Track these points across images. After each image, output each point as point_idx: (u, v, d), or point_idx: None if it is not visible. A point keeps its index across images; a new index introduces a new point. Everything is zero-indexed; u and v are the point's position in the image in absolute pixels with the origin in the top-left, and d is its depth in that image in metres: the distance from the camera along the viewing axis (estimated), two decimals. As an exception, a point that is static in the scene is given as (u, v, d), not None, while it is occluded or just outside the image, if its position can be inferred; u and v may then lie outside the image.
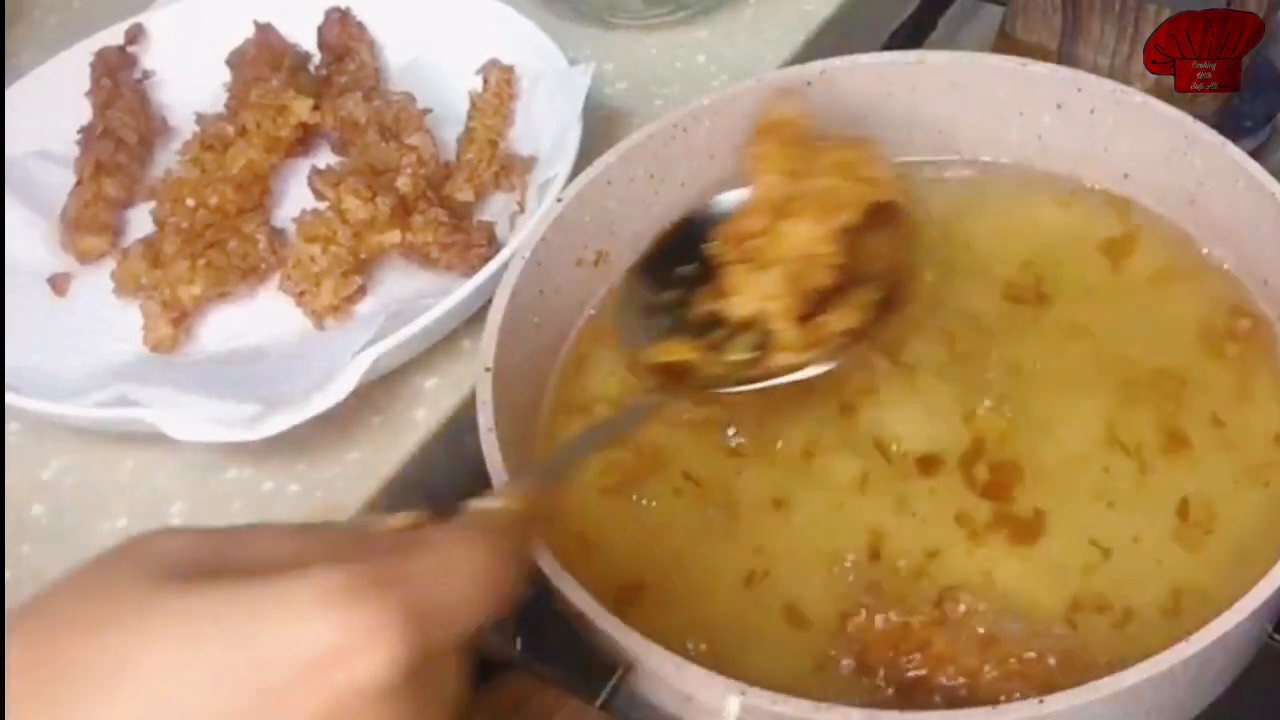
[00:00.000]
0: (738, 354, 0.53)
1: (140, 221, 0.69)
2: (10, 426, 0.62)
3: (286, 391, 0.58)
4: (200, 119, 0.71)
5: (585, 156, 0.63)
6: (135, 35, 0.77)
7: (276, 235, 0.67)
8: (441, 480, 0.61)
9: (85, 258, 0.68)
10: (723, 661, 0.47)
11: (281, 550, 0.34)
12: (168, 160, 0.72)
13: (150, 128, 0.74)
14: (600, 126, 0.69)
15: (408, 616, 0.32)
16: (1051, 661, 0.48)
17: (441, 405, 0.62)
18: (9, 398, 0.60)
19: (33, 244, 0.69)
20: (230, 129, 0.69)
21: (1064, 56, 0.72)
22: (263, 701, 0.30)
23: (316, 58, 0.76)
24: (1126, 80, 0.63)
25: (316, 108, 0.69)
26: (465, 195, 0.68)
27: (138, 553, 0.33)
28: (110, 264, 0.66)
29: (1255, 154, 0.59)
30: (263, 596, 0.31)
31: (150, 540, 0.34)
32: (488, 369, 0.54)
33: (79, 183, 0.69)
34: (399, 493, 0.60)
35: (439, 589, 0.34)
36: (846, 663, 0.50)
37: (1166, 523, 0.52)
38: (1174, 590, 0.50)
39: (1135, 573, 0.51)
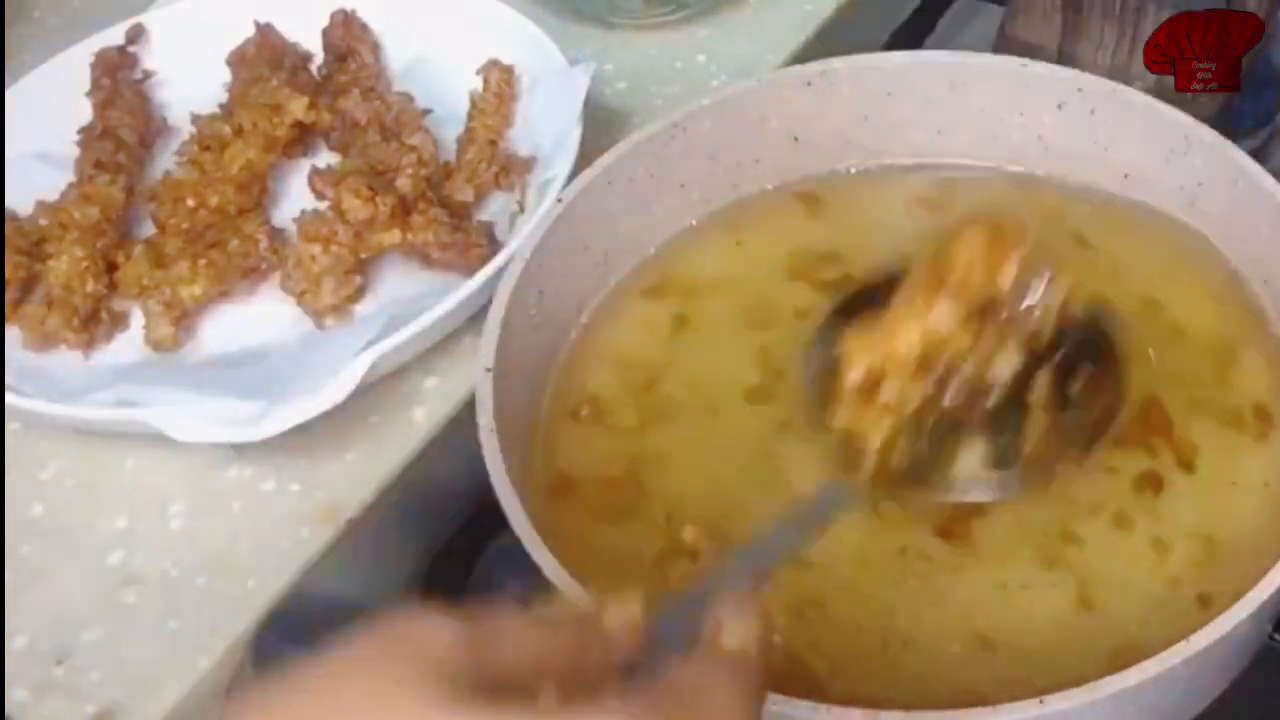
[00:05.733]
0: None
1: (141, 222, 0.70)
2: (10, 426, 0.62)
3: (286, 391, 0.58)
4: (196, 119, 0.71)
5: (585, 156, 0.63)
6: (135, 35, 0.77)
7: (277, 235, 0.67)
8: (441, 480, 0.61)
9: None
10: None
11: (541, 661, 0.33)
12: (167, 160, 0.72)
13: (150, 128, 0.74)
14: (600, 126, 0.69)
15: None
16: None
17: (441, 405, 0.62)
18: (9, 398, 0.60)
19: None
20: (227, 129, 0.69)
21: (1064, 56, 0.72)
22: None
23: (317, 58, 0.76)
24: (1126, 80, 0.63)
25: (312, 106, 0.69)
26: (465, 195, 0.68)
27: (406, 649, 0.31)
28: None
29: (1255, 154, 0.59)
30: None
31: (414, 631, 0.32)
32: (488, 369, 0.54)
33: (79, 183, 0.69)
34: (399, 493, 0.60)
35: None
36: None
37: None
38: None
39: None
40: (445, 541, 0.61)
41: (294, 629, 0.55)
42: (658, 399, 0.59)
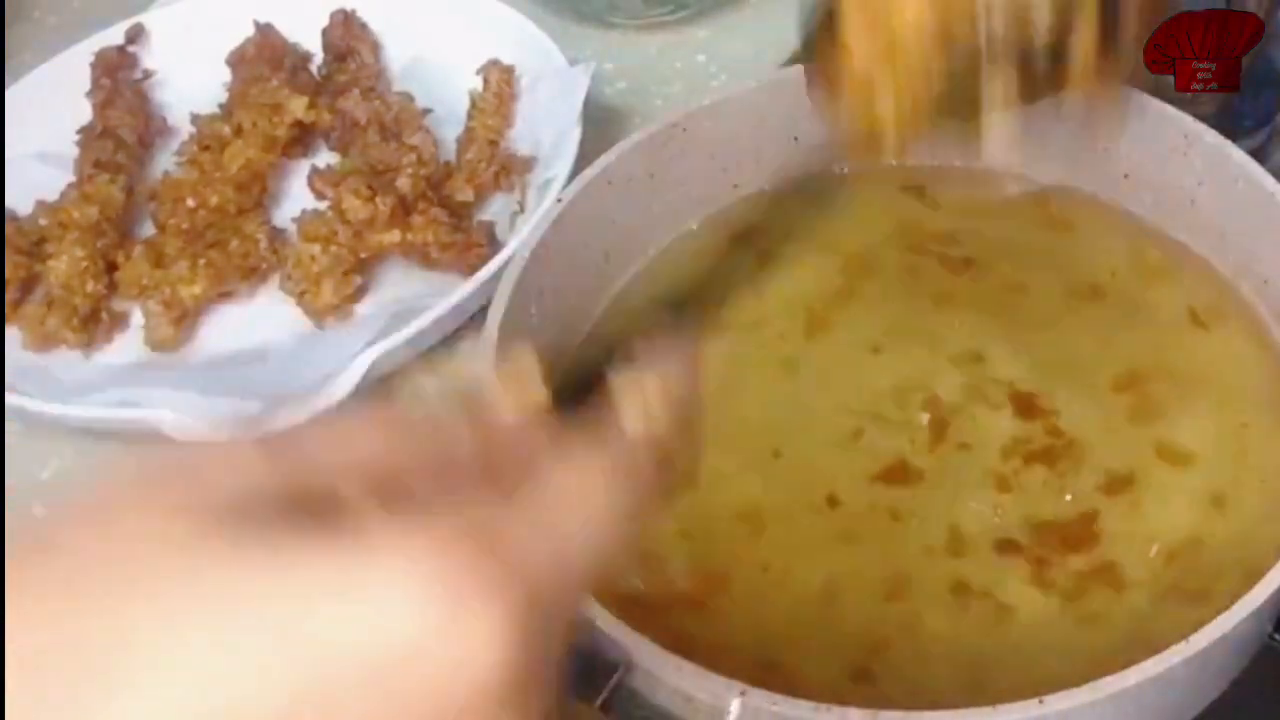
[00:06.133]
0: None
1: (141, 222, 0.70)
2: (10, 426, 0.62)
3: (286, 391, 0.58)
4: (196, 119, 0.71)
5: (585, 156, 0.63)
6: (135, 35, 0.77)
7: (277, 235, 0.67)
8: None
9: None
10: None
11: (370, 472, 0.27)
12: (167, 160, 0.72)
13: (150, 128, 0.74)
14: (600, 126, 0.69)
15: (531, 610, 0.25)
16: None
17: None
18: (9, 398, 0.60)
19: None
20: (227, 129, 0.69)
21: (1064, 56, 0.72)
22: (325, 698, 0.23)
23: (317, 58, 0.76)
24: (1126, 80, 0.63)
25: (312, 105, 0.69)
26: (465, 195, 0.68)
27: (195, 476, 0.26)
28: (110, 264, 0.67)
29: (1255, 154, 0.59)
30: (347, 565, 0.24)
31: (209, 456, 0.27)
32: (488, 369, 0.54)
33: (79, 183, 0.69)
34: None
35: (568, 571, 0.27)
36: None
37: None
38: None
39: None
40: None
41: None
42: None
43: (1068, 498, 0.53)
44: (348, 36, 0.75)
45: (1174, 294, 0.60)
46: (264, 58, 0.74)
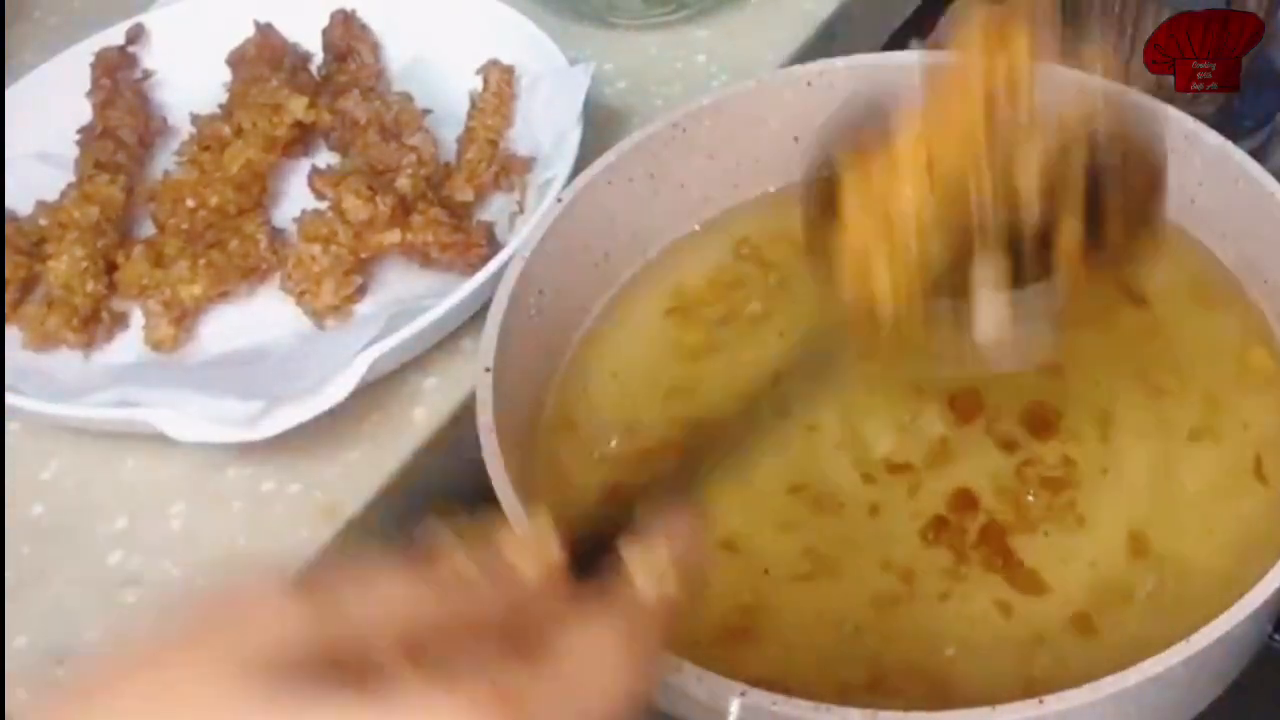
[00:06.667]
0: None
1: (141, 222, 0.70)
2: (10, 426, 0.62)
3: (286, 391, 0.58)
4: (195, 120, 0.71)
5: (585, 156, 0.63)
6: (135, 35, 0.77)
7: (277, 235, 0.67)
8: (441, 480, 0.61)
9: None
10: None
11: (402, 629, 0.29)
12: (167, 160, 0.72)
13: (150, 128, 0.74)
14: (600, 126, 0.69)
15: None
16: None
17: (441, 405, 0.62)
18: (9, 398, 0.60)
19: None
20: (226, 129, 0.69)
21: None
22: None
23: (317, 58, 0.76)
24: (1126, 80, 0.63)
25: (312, 105, 0.69)
26: (465, 195, 0.68)
27: (235, 631, 0.28)
28: (110, 264, 0.67)
29: (1255, 154, 0.59)
30: None
31: (248, 607, 0.29)
32: (488, 369, 0.53)
33: (79, 183, 0.69)
34: (399, 493, 0.60)
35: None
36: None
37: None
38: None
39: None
40: (445, 541, 0.61)
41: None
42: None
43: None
44: (348, 36, 0.75)
45: (1174, 294, 0.60)
46: (264, 58, 0.74)
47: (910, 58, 0.64)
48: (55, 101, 0.73)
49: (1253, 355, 0.57)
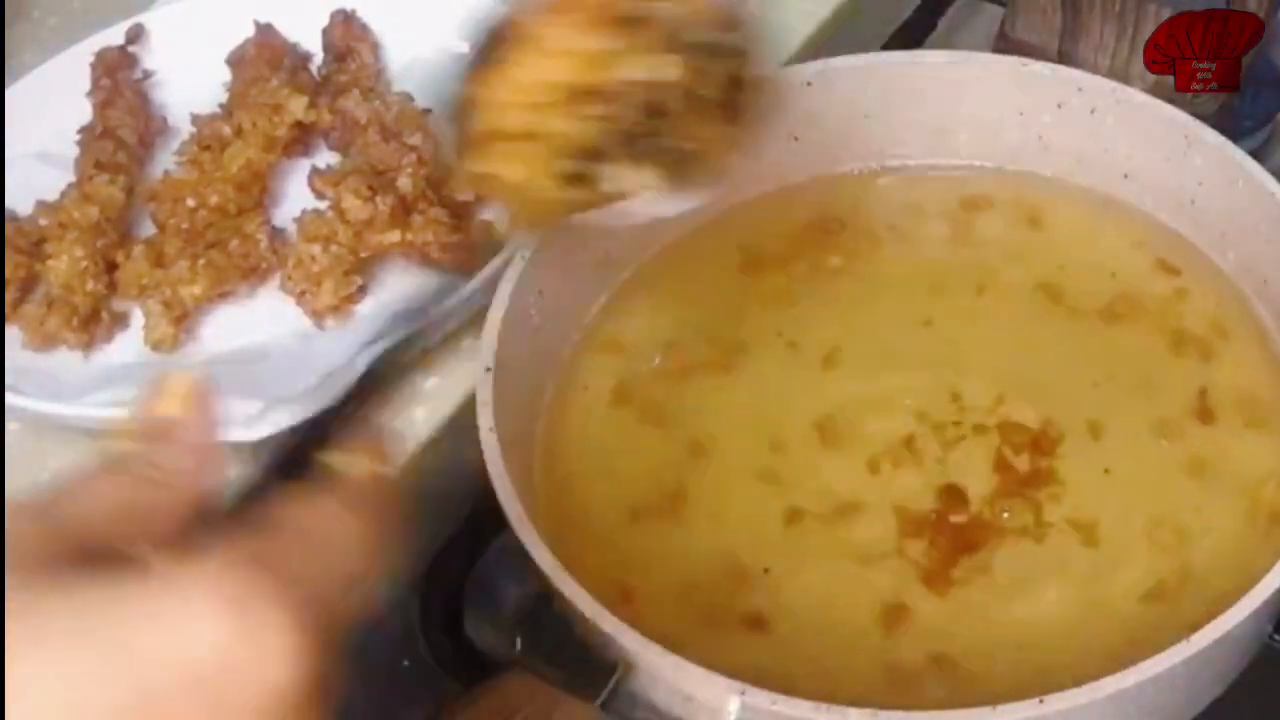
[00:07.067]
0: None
1: (141, 222, 0.70)
2: (10, 426, 0.62)
3: (286, 391, 0.58)
4: (195, 120, 0.71)
5: (585, 156, 0.63)
6: (135, 35, 0.76)
7: (277, 235, 0.67)
8: (441, 480, 0.61)
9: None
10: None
11: (124, 514, 0.32)
12: (167, 160, 0.72)
13: (150, 128, 0.74)
14: (600, 126, 0.69)
15: (313, 619, 0.29)
16: None
17: (441, 405, 0.62)
18: (9, 398, 0.60)
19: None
20: (227, 129, 0.69)
21: (1064, 56, 0.72)
22: (148, 708, 0.27)
23: (317, 58, 0.76)
24: (1126, 80, 0.63)
25: (312, 105, 0.69)
26: (465, 195, 0.68)
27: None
28: (110, 264, 0.66)
29: (1255, 154, 0.59)
30: (150, 598, 0.28)
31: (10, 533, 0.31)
32: (488, 369, 0.54)
33: (79, 183, 0.69)
34: (399, 493, 0.60)
35: (328, 588, 0.31)
36: None
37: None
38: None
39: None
40: (445, 541, 0.61)
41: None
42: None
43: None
44: (348, 36, 0.75)
45: (1175, 292, 0.60)
46: (264, 58, 0.74)
47: (908, 58, 0.64)
48: (55, 101, 0.73)
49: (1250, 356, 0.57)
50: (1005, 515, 0.53)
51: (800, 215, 0.64)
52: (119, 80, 0.74)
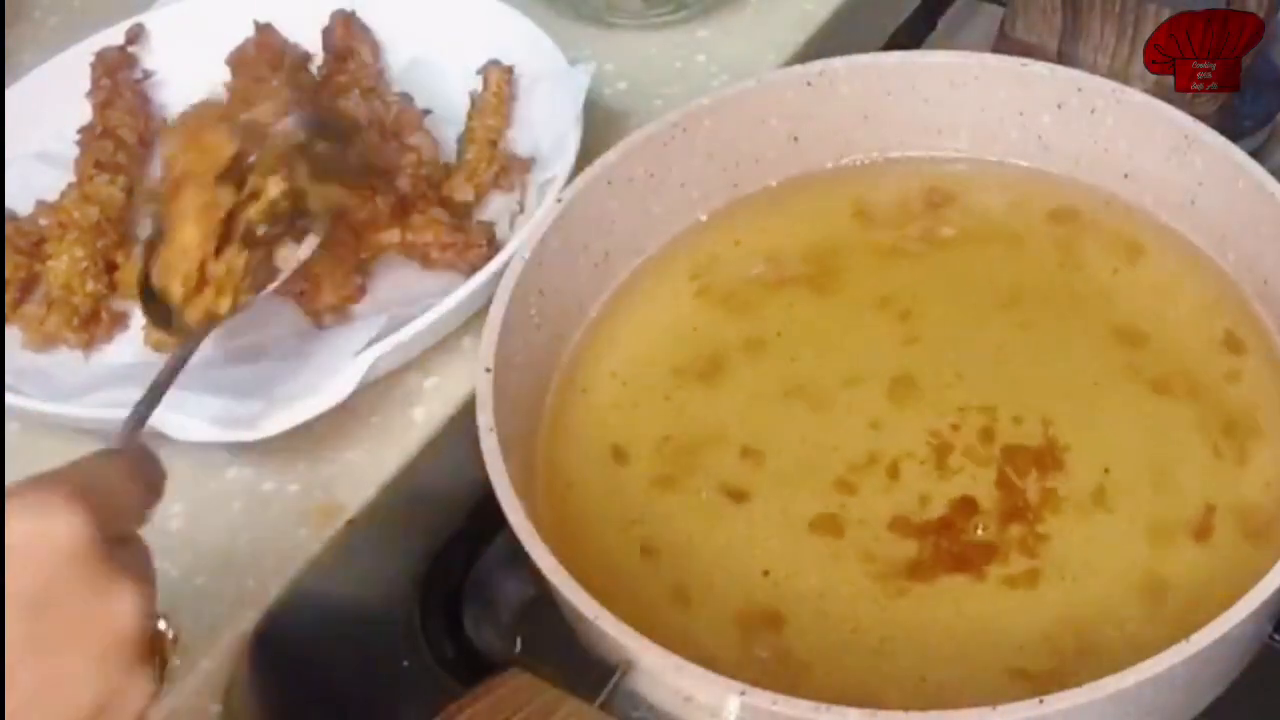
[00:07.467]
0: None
1: (140, 222, 0.69)
2: (10, 426, 0.62)
3: (286, 391, 0.58)
4: (194, 120, 0.71)
5: (585, 156, 0.63)
6: (135, 35, 0.77)
7: (277, 235, 0.67)
8: (441, 480, 0.61)
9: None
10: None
11: None
12: (167, 161, 0.72)
13: (150, 128, 0.74)
14: (600, 126, 0.69)
15: (72, 497, 0.40)
16: None
17: (441, 405, 0.62)
18: (9, 398, 0.60)
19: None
20: (227, 129, 0.69)
21: (1064, 56, 0.72)
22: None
23: (317, 58, 0.76)
24: (1126, 80, 0.63)
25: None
26: (465, 195, 0.68)
27: None
28: (110, 264, 0.66)
29: (1255, 154, 0.59)
30: None
31: None
32: (488, 369, 0.54)
33: (79, 183, 0.69)
34: (399, 493, 0.60)
35: (93, 482, 0.42)
36: None
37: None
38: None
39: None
40: (445, 541, 0.61)
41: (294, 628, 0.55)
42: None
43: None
44: (348, 37, 0.75)
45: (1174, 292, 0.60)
46: (264, 58, 0.74)
47: (908, 58, 0.64)
48: (55, 101, 0.73)
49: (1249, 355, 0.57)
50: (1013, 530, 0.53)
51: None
52: (119, 80, 0.74)
